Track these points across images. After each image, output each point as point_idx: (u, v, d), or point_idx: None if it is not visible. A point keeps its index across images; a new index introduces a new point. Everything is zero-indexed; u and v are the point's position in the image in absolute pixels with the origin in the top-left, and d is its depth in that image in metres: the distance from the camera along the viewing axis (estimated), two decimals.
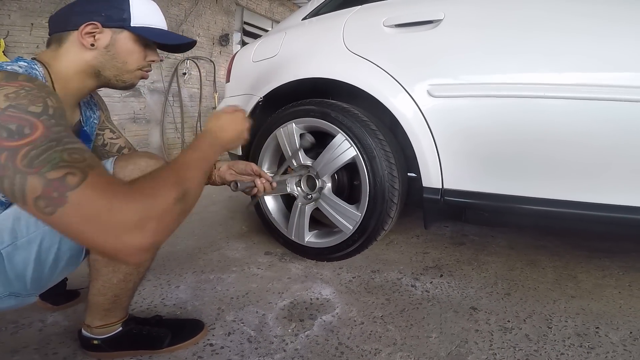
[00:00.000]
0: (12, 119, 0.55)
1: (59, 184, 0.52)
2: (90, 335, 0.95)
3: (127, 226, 0.53)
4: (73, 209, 0.52)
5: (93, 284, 0.90)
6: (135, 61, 0.85)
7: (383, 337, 1.05)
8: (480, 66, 1.18)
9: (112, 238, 0.53)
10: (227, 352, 0.98)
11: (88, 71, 0.82)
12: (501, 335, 1.05)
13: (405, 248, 1.72)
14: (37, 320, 1.11)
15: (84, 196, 0.52)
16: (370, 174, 1.33)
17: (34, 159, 0.52)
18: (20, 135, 0.54)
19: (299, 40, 1.69)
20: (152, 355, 0.97)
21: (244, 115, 0.91)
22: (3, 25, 3.00)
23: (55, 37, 0.82)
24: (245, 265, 1.53)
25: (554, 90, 1.06)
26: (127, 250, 0.54)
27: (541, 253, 1.64)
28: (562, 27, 1.08)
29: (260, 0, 6.03)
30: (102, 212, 0.52)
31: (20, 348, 0.98)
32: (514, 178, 1.17)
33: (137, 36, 0.83)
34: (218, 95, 5.12)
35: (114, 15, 0.80)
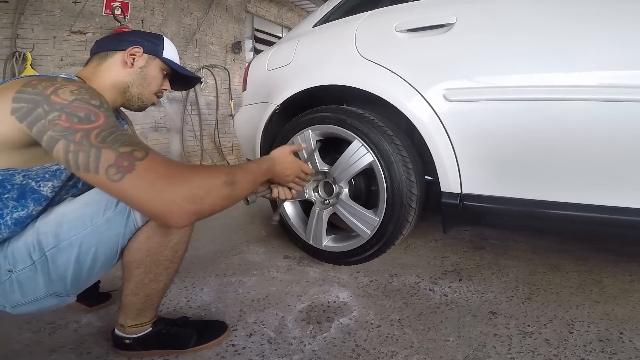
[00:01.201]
0: (80, 109, 0.67)
1: (128, 155, 0.64)
2: (122, 334, 0.99)
3: (180, 193, 0.66)
4: (139, 176, 0.64)
5: (127, 285, 0.94)
6: (156, 85, 1.05)
7: (400, 339, 1.05)
8: (496, 69, 1.18)
9: (168, 201, 0.65)
10: (248, 353, 1.01)
11: (120, 86, 0.98)
12: (520, 340, 1.03)
13: (424, 252, 1.71)
14: (73, 321, 1.16)
15: (149, 166, 0.65)
16: (388, 179, 1.34)
17: (105, 137, 0.65)
18: (88, 121, 0.66)
19: (311, 48, 1.71)
20: (179, 354, 1.00)
21: (301, 168, 1.10)
22: (28, 39, 3.13)
23: (98, 55, 0.98)
24: (265, 269, 1.56)
25: (572, 92, 1.04)
26: (176, 213, 0.66)
27: (565, 257, 1.61)
28: (579, 28, 1.07)
29: (269, 7, 6.11)
30: (161, 179, 0.65)
31: (57, 347, 1.03)
32: (534, 182, 1.16)
33: (163, 65, 1.04)
34: (233, 103, 5.21)
35: (152, 46, 1.02)
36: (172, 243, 0.92)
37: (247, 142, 2.00)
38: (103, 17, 3.54)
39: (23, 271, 0.81)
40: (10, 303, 0.84)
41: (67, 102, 0.67)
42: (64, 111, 0.66)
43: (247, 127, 1.96)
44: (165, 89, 1.09)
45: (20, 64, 2.96)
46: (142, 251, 0.89)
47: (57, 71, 3.24)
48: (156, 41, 1.03)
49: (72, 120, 0.65)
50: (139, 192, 0.64)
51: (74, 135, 0.64)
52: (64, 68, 3.29)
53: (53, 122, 0.65)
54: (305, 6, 6.82)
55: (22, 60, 2.97)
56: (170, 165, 0.68)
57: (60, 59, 3.29)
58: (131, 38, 1.00)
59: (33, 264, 0.81)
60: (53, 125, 0.65)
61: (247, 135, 1.98)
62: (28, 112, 0.66)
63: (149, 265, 0.91)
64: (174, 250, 0.93)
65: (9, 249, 0.81)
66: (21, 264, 0.81)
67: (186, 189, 0.66)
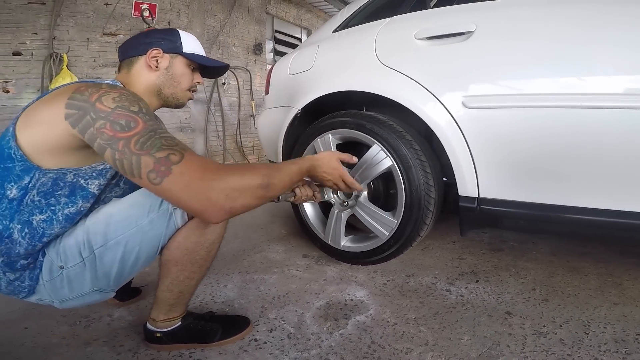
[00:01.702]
0: (121, 117, 0.74)
1: (165, 160, 0.71)
2: (154, 328, 1.04)
3: (215, 190, 0.72)
4: (177, 178, 0.70)
5: (162, 282, 0.99)
6: (186, 82, 1.06)
7: (415, 337, 1.09)
8: (514, 77, 1.19)
9: (204, 199, 0.72)
10: (269, 347, 1.06)
11: (153, 89, 1.01)
12: (535, 340, 1.05)
13: (441, 254, 1.73)
14: (106, 315, 1.23)
15: (185, 168, 0.71)
16: (407, 183, 1.37)
17: (143, 144, 0.72)
18: (129, 128, 0.73)
19: (332, 54, 1.75)
20: (204, 348, 1.05)
21: (343, 177, 1.14)
22: (64, 41, 3.24)
23: (125, 62, 1.01)
24: (285, 267, 1.62)
25: (590, 99, 1.05)
26: (212, 210, 0.73)
27: (585, 260, 1.60)
28: (597, 35, 1.08)
29: (288, 8, 6.18)
30: (197, 180, 0.71)
31: (92, 340, 1.10)
32: (550, 187, 1.17)
33: (187, 60, 1.04)
34: (255, 103, 5.31)
35: (169, 43, 1.01)
36: (207, 243, 0.97)
37: (269, 144, 2.06)
38: (132, 19, 3.67)
39: (73, 268, 0.87)
40: (59, 298, 0.90)
41: (110, 110, 0.74)
42: (107, 119, 0.73)
43: (270, 129, 2.02)
44: (198, 82, 1.11)
45: (57, 65, 3.09)
46: (180, 250, 0.94)
47: (91, 72, 3.39)
48: (172, 38, 1.02)
49: (115, 128, 0.72)
50: (177, 193, 0.71)
51: (117, 144, 0.71)
52: (97, 69, 3.43)
53: (100, 130, 0.72)
54: (323, 7, 6.87)
55: (59, 62, 3.10)
56: (205, 167, 0.73)
57: (94, 60, 3.42)
58: (148, 40, 1.00)
59: (82, 261, 0.87)
60: (100, 133, 0.72)
61: (269, 138, 2.04)
62: (79, 119, 0.74)
63: (185, 263, 0.96)
64: (208, 249, 0.98)
65: (61, 246, 0.87)
66: (72, 261, 0.87)
67: (220, 190, 0.72)
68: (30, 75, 3.01)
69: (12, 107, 2.90)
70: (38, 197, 0.81)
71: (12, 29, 2.90)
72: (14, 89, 2.93)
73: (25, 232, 0.82)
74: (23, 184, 0.79)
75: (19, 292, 0.88)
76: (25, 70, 2.99)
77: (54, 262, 0.87)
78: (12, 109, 2.90)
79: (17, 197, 0.79)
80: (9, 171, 0.78)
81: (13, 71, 2.92)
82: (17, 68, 2.95)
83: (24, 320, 1.19)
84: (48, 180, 0.81)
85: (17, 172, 0.78)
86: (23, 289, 0.87)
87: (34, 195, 0.81)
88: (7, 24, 2.87)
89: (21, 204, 0.80)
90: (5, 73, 2.88)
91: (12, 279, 0.85)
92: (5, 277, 0.85)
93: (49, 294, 0.90)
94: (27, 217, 0.82)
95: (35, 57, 3.04)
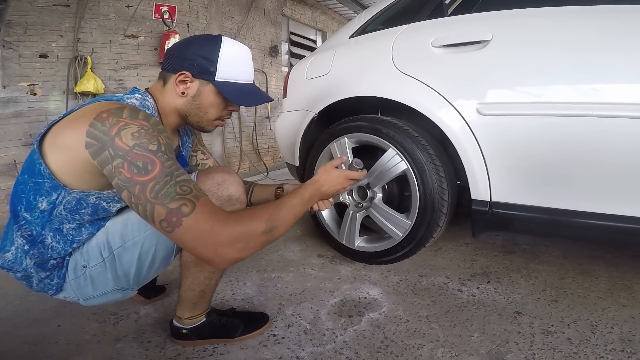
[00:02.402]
0: (139, 157, 0.73)
1: (176, 212, 0.72)
2: (180, 325, 1.09)
3: (222, 244, 0.74)
4: (186, 230, 0.72)
5: (184, 282, 1.04)
6: (215, 113, 0.98)
7: (427, 334, 1.13)
8: (528, 85, 1.23)
9: (211, 251, 0.74)
10: (287, 342, 1.11)
11: (179, 113, 0.97)
12: (542, 338, 1.09)
13: (454, 255, 1.77)
14: (133, 312, 1.29)
15: (194, 222, 0.72)
16: (421, 186, 1.41)
17: (158, 193, 0.72)
18: (146, 172, 0.72)
19: (348, 59, 1.80)
20: (227, 343, 1.10)
21: (347, 177, 1.07)
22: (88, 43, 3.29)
23: (162, 74, 0.96)
24: (301, 266, 1.68)
25: (601, 109, 1.09)
26: (219, 260, 0.75)
27: (597, 263, 1.62)
28: (611, 46, 1.10)
29: (303, 10, 6.22)
30: (205, 233, 0.73)
31: (121, 337, 1.15)
32: (561, 192, 1.21)
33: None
34: (271, 105, 5.38)
35: (203, 66, 0.90)
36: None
37: (286, 147, 2.12)
38: (153, 21, 3.74)
39: (95, 267, 0.92)
40: (84, 296, 0.95)
41: (128, 148, 0.72)
42: (125, 159, 0.72)
43: (287, 133, 2.08)
44: (232, 110, 1.02)
45: (81, 67, 3.18)
46: None
47: (113, 74, 3.47)
48: (210, 57, 0.90)
49: (132, 170, 0.72)
50: (186, 243, 0.74)
51: (134, 188, 0.72)
52: (119, 71, 3.51)
53: (118, 169, 0.72)
54: (338, 9, 6.91)
55: (83, 64, 3.19)
56: (214, 218, 0.74)
57: (116, 62, 3.50)
58: (184, 53, 0.91)
59: (103, 261, 0.92)
60: (118, 172, 0.72)
61: (287, 141, 2.10)
62: (99, 151, 0.74)
63: (203, 263, 1.00)
64: None
65: (84, 247, 0.92)
66: (94, 261, 0.91)
67: (226, 243, 0.74)
68: (56, 78, 3.10)
69: (40, 110, 3.01)
70: (65, 212, 0.85)
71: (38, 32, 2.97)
72: (41, 92, 3.03)
73: (58, 238, 0.87)
74: (52, 199, 0.82)
75: (48, 289, 0.93)
76: (51, 72, 3.07)
77: (78, 262, 0.92)
78: (40, 112, 3.01)
79: (47, 209, 0.83)
80: (39, 186, 0.81)
81: (40, 73, 3.01)
82: (44, 70, 3.04)
83: (57, 318, 1.25)
84: (72, 199, 0.83)
85: (46, 188, 0.81)
86: (52, 286, 0.93)
87: (61, 210, 0.84)
88: (34, 26, 2.95)
89: (51, 215, 0.84)
90: (33, 75, 2.97)
91: (42, 277, 0.90)
92: (37, 276, 0.90)
93: (74, 291, 0.94)
94: (58, 226, 0.86)
95: (60, 60, 3.12)
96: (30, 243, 0.86)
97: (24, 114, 2.92)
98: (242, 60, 0.97)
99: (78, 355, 1.06)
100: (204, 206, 0.74)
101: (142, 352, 1.07)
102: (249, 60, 0.99)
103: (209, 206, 0.75)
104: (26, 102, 2.95)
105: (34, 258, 0.87)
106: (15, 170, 2.80)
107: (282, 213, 0.85)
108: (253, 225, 0.78)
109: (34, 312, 1.29)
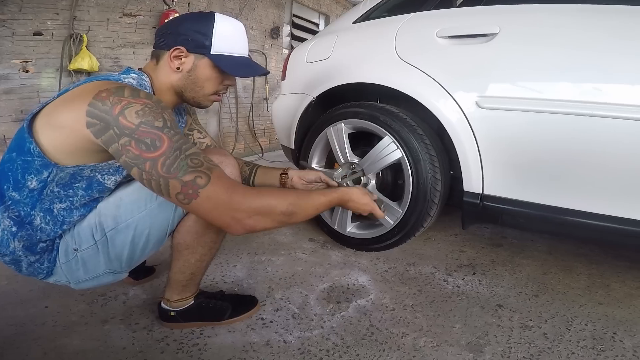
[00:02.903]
0: (146, 134, 0.73)
1: (191, 184, 0.73)
2: (168, 307, 1.09)
3: (239, 212, 0.77)
4: (204, 200, 0.74)
5: (174, 264, 1.03)
6: (211, 87, 0.97)
7: (411, 323, 1.16)
8: (530, 81, 1.24)
9: (228, 218, 0.77)
10: (275, 326, 1.13)
11: (175, 90, 0.96)
12: (520, 332, 1.12)
13: (443, 245, 1.80)
14: (121, 294, 1.28)
15: (212, 192, 0.74)
16: (414, 175, 1.42)
17: (170, 167, 0.73)
18: (154, 148, 0.73)
19: (351, 45, 1.78)
20: (215, 326, 1.11)
21: (371, 209, 1.05)
22: (84, 21, 3.22)
23: (155, 52, 0.95)
24: (292, 250, 1.70)
25: (599, 109, 1.10)
26: (234, 226, 0.78)
27: (579, 260, 1.66)
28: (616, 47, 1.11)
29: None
30: (225, 203, 0.75)
31: (109, 318, 1.14)
32: (553, 189, 1.23)
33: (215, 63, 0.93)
34: (269, 87, 5.32)
35: (197, 41, 0.89)
36: (217, 227, 0.95)
37: (283, 130, 2.12)
38: (153, 0, 3.68)
39: (87, 250, 0.90)
40: (75, 279, 0.94)
41: (134, 126, 0.72)
42: (132, 137, 0.72)
43: (284, 115, 2.07)
44: (229, 84, 1.00)
45: (77, 45, 3.12)
46: (191, 234, 0.97)
47: (109, 52, 3.40)
48: (204, 31, 0.89)
49: (141, 147, 0.72)
50: (204, 213, 0.76)
51: (144, 164, 0.72)
52: (115, 49, 3.44)
53: (125, 147, 0.72)
54: None
55: (78, 42, 3.12)
56: (232, 190, 0.76)
57: (112, 41, 3.43)
58: (178, 30, 0.90)
59: (95, 244, 0.90)
60: (126, 150, 0.72)
61: (283, 123, 2.09)
62: (102, 130, 0.73)
63: (195, 246, 1.00)
64: (217, 232, 1.01)
65: (75, 230, 0.90)
66: (85, 244, 0.90)
67: (244, 211, 0.77)
68: (50, 55, 3.03)
69: (32, 87, 2.96)
70: (57, 188, 0.83)
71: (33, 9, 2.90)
72: (34, 69, 2.98)
73: (47, 219, 0.85)
74: (42, 178, 0.80)
75: (38, 274, 0.92)
76: (45, 50, 3.01)
77: (69, 245, 0.90)
78: (31, 89, 2.96)
79: (37, 188, 0.81)
80: (28, 164, 0.79)
81: (33, 51, 2.95)
82: (37, 48, 2.97)
83: (44, 300, 1.23)
84: (66, 175, 0.82)
85: (36, 167, 0.79)
86: (42, 270, 0.91)
87: (53, 187, 0.83)
88: (30, 4, 2.87)
89: (41, 194, 0.82)
90: (26, 53, 2.91)
91: (32, 260, 0.89)
92: (26, 259, 0.88)
93: (65, 275, 0.93)
94: (48, 206, 0.84)
95: (55, 37, 3.05)
96: (19, 224, 0.84)
97: (15, 90, 2.89)
98: (236, 33, 0.96)
99: (65, 337, 1.05)
100: (219, 178, 0.76)
101: (130, 334, 1.07)
102: (243, 34, 0.98)
103: (224, 178, 0.77)
104: (18, 79, 2.90)
105: (23, 240, 0.85)
106: (4, 145, 2.77)
107: (305, 203, 0.87)
108: (275, 202, 0.81)
109: (21, 293, 1.27)
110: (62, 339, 1.05)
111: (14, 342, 1.03)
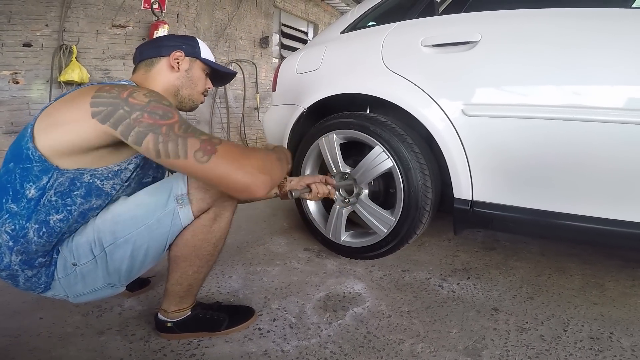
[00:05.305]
0: (158, 108, 0.79)
1: (209, 141, 0.79)
2: (165, 318, 1.09)
3: (255, 166, 0.81)
4: (222, 156, 0.78)
5: (172, 276, 1.04)
6: (202, 85, 1.14)
7: (408, 329, 1.17)
8: (514, 88, 1.26)
9: (248, 175, 0.80)
10: (272, 336, 1.13)
11: (171, 90, 1.07)
12: (517, 335, 1.13)
13: (436, 250, 1.81)
14: (117, 305, 1.28)
15: (227, 147, 0.80)
16: (405, 183, 1.44)
17: (186, 129, 0.79)
18: (167, 117, 0.79)
19: (339, 56, 1.80)
20: (212, 337, 1.11)
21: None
22: (74, 32, 3.24)
23: (144, 63, 1.05)
24: (287, 260, 1.70)
25: (583, 113, 1.12)
26: (255, 184, 0.81)
27: (572, 261, 1.68)
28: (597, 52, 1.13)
29: (296, 2, 6.18)
30: (239, 157, 0.80)
31: (105, 330, 1.14)
32: (541, 193, 1.25)
33: (204, 66, 1.12)
34: (259, 96, 5.35)
35: (190, 48, 1.09)
36: (214, 239, 1.02)
37: (275, 141, 2.12)
38: (142, 11, 3.69)
39: (85, 265, 0.92)
40: (73, 294, 0.95)
41: (145, 103, 0.79)
42: (144, 110, 0.77)
43: (276, 126, 2.08)
44: (209, 87, 1.18)
45: (66, 56, 3.12)
46: (188, 247, 0.99)
47: (99, 64, 3.42)
48: (192, 43, 1.10)
49: (155, 117, 0.77)
50: (225, 169, 0.78)
51: (160, 129, 0.77)
52: (105, 61, 3.46)
53: (138, 120, 0.77)
54: (330, 1, 6.87)
55: (68, 53, 3.12)
56: (240, 147, 0.84)
57: (102, 52, 3.45)
58: (170, 43, 1.06)
59: (94, 259, 0.92)
60: (138, 122, 0.76)
61: (275, 134, 2.10)
62: (109, 114, 0.77)
63: (193, 259, 1.01)
64: (215, 245, 1.03)
65: (73, 245, 0.91)
66: (84, 258, 0.91)
67: (259, 162, 0.83)
68: (39, 67, 3.04)
69: (22, 98, 2.95)
70: (55, 197, 0.84)
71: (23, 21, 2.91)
72: (24, 80, 2.98)
73: (42, 231, 0.85)
74: (41, 184, 0.82)
75: (36, 288, 0.93)
76: (35, 61, 3.01)
77: (67, 260, 0.91)
78: (22, 100, 2.95)
79: (35, 197, 0.82)
80: (27, 171, 0.81)
81: (23, 62, 2.95)
82: (27, 59, 2.97)
83: (38, 311, 1.23)
84: (65, 180, 0.84)
85: (35, 173, 0.81)
86: (40, 285, 0.92)
87: (52, 195, 0.84)
88: (19, 15, 2.89)
89: (38, 204, 0.83)
90: (16, 64, 2.91)
91: (29, 275, 0.89)
92: (23, 274, 0.89)
93: (63, 289, 0.94)
94: (44, 217, 0.85)
95: (45, 49, 3.06)
96: (14, 239, 0.84)
97: (5, 102, 2.87)
98: (209, 50, 1.18)
99: (61, 348, 1.05)
100: (228, 141, 0.84)
101: (127, 345, 1.07)
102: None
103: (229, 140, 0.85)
104: (8, 91, 2.90)
105: (20, 254, 0.86)
106: None
107: (276, 155, 0.98)
108: (266, 152, 0.91)
109: (14, 304, 1.26)
110: (58, 350, 1.05)
111: (9, 353, 1.03)
